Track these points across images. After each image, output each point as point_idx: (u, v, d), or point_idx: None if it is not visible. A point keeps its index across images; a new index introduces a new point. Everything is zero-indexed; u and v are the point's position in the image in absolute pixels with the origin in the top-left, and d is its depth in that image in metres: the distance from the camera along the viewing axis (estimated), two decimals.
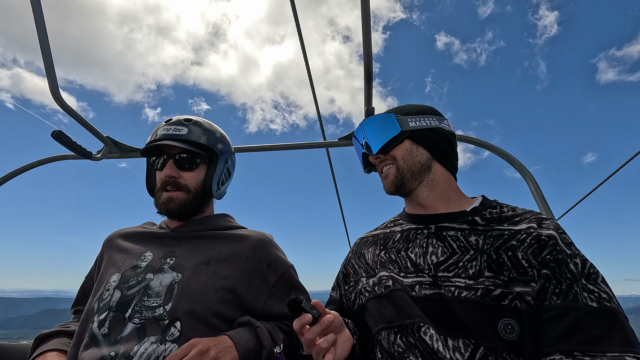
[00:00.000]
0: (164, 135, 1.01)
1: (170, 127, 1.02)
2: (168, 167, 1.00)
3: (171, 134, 1.01)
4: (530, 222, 0.75)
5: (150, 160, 1.08)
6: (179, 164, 1.02)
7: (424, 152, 0.89)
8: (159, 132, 1.03)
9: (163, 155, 1.03)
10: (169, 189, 1.01)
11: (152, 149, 1.02)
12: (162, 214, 1.05)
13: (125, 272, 0.94)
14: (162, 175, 1.01)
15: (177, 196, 1.01)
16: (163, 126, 1.04)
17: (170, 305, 0.85)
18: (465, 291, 0.70)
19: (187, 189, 1.02)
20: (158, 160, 1.04)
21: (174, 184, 1.01)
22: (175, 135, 1.01)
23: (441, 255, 0.77)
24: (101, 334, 0.82)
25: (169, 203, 1.00)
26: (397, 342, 0.73)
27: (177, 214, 1.02)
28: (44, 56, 1.16)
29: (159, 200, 1.02)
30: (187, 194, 1.02)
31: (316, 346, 0.66)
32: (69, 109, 1.32)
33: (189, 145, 1.00)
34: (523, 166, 1.45)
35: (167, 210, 1.01)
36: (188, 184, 1.03)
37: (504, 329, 0.64)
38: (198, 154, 1.04)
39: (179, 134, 1.01)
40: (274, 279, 1.01)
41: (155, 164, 1.05)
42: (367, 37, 1.09)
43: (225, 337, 0.82)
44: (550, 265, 0.67)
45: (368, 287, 0.85)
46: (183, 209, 1.02)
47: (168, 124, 1.04)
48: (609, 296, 0.63)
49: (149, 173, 1.11)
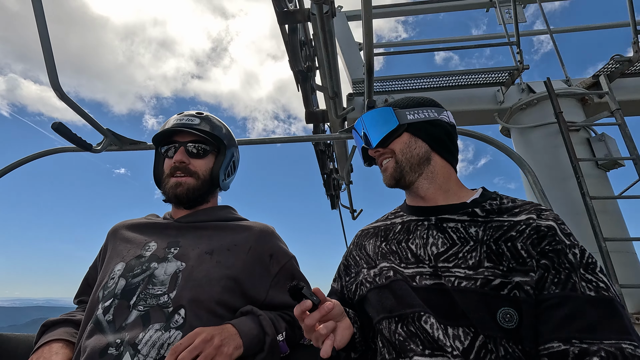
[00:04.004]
0: (176, 124, 1.06)
1: (183, 117, 1.08)
2: (179, 153, 1.04)
3: (184, 123, 1.06)
4: (530, 213, 0.76)
5: (160, 150, 1.12)
6: (190, 152, 1.06)
7: (422, 144, 0.89)
8: (171, 122, 1.08)
9: (175, 144, 1.07)
10: (178, 175, 1.04)
11: (163, 137, 1.08)
12: (169, 200, 1.08)
13: (129, 261, 0.95)
14: (172, 162, 1.05)
15: (186, 181, 1.04)
16: (175, 117, 1.09)
17: (174, 293, 0.86)
18: (465, 281, 0.71)
19: (196, 175, 1.06)
20: (169, 148, 1.08)
21: (184, 170, 1.04)
22: (188, 124, 1.06)
23: (441, 246, 0.78)
24: (106, 320, 0.83)
25: (177, 187, 1.03)
26: (398, 331, 0.74)
27: (185, 199, 1.04)
28: (43, 46, 1.15)
29: (166, 185, 1.05)
30: (196, 180, 1.05)
31: (315, 332, 0.68)
32: (69, 100, 1.32)
33: (201, 134, 1.06)
34: (522, 159, 1.46)
35: (175, 195, 1.03)
36: (197, 170, 1.06)
37: (503, 318, 0.65)
38: (209, 142, 1.09)
39: (192, 123, 1.07)
40: (276, 269, 1.03)
41: (166, 152, 1.09)
42: (368, 29, 1.09)
43: (228, 326, 0.84)
44: (549, 255, 0.68)
45: (369, 277, 0.86)
46: (191, 194, 1.04)
47: (181, 115, 1.09)
48: (606, 285, 0.64)
49: (156, 162, 1.13)
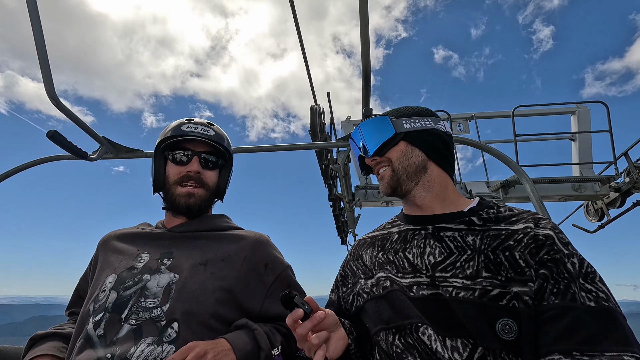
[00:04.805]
0: (192, 132, 1.04)
1: (197, 126, 1.06)
2: (195, 163, 1.04)
3: (200, 132, 1.05)
4: (527, 222, 0.75)
5: (167, 154, 1.06)
6: (203, 162, 1.05)
7: (419, 153, 0.89)
8: (182, 128, 1.04)
9: (187, 151, 1.05)
10: (190, 185, 1.03)
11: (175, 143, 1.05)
12: (174, 208, 1.04)
13: (121, 273, 0.93)
14: (184, 170, 1.03)
15: (198, 192, 1.04)
16: (186, 123, 1.06)
17: (167, 306, 0.85)
18: (463, 291, 0.70)
19: (207, 187, 1.06)
20: (180, 154, 1.05)
21: (197, 180, 1.04)
22: (204, 135, 1.05)
23: (439, 256, 0.77)
24: (97, 335, 0.81)
25: (190, 197, 1.02)
26: (395, 343, 0.73)
27: (196, 210, 1.04)
28: (39, 53, 1.14)
29: (174, 193, 1.02)
30: (206, 192, 1.06)
31: (308, 342, 0.67)
32: (65, 108, 1.31)
33: (218, 146, 1.06)
34: (519, 167, 1.46)
35: (188, 205, 1.02)
36: (208, 182, 1.07)
37: (502, 329, 0.64)
38: (220, 155, 1.10)
39: (207, 134, 1.06)
40: (272, 279, 1.01)
41: (175, 157, 1.05)
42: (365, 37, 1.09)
43: (222, 340, 0.82)
44: (547, 265, 0.67)
45: (366, 288, 0.85)
46: (202, 205, 1.05)
47: (192, 123, 1.06)
48: (606, 295, 0.64)
49: (158, 166, 1.07)
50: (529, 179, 1.40)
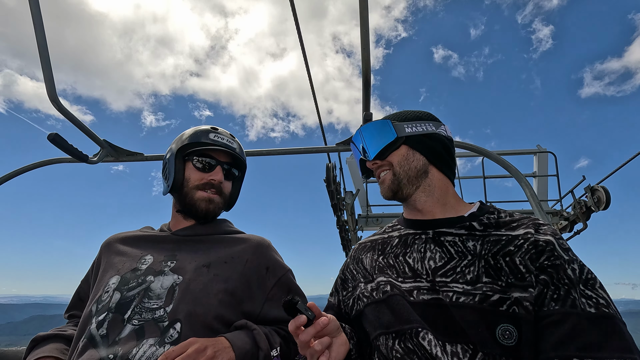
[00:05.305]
0: (220, 142, 1.07)
1: (224, 137, 1.09)
2: (219, 173, 1.07)
3: (227, 144, 1.08)
4: (528, 227, 0.75)
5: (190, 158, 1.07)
6: (225, 173, 1.10)
7: (420, 157, 0.89)
8: (210, 136, 1.06)
9: (211, 159, 1.07)
10: (211, 191, 1.06)
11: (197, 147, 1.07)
12: (191, 212, 1.06)
13: (125, 274, 0.94)
14: (206, 177, 1.05)
15: (217, 199, 1.07)
16: (212, 132, 1.08)
17: (171, 307, 0.85)
18: (463, 296, 0.70)
19: (224, 196, 1.11)
20: (205, 161, 1.06)
21: (218, 189, 1.07)
22: (230, 147, 1.09)
23: (439, 261, 0.77)
24: (99, 334, 0.82)
25: (210, 203, 1.05)
26: (395, 348, 0.73)
27: (212, 215, 1.08)
28: (41, 57, 1.15)
29: (193, 197, 1.04)
30: (223, 201, 1.10)
31: (310, 348, 0.66)
32: (66, 111, 1.31)
33: (241, 159, 1.13)
34: (519, 172, 1.46)
35: (207, 210, 1.05)
36: (226, 191, 1.11)
37: (502, 335, 0.64)
38: (242, 169, 1.16)
39: (232, 146, 1.10)
40: (272, 282, 1.02)
41: (200, 164, 1.06)
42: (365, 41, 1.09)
43: (222, 338, 0.83)
44: (548, 270, 0.68)
45: (366, 292, 0.85)
46: (217, 212, 1.10)
47: (219, 133, 1.09)
48: (607, 302, 0.64)
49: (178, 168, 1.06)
50: (528, 184, 1.41)
